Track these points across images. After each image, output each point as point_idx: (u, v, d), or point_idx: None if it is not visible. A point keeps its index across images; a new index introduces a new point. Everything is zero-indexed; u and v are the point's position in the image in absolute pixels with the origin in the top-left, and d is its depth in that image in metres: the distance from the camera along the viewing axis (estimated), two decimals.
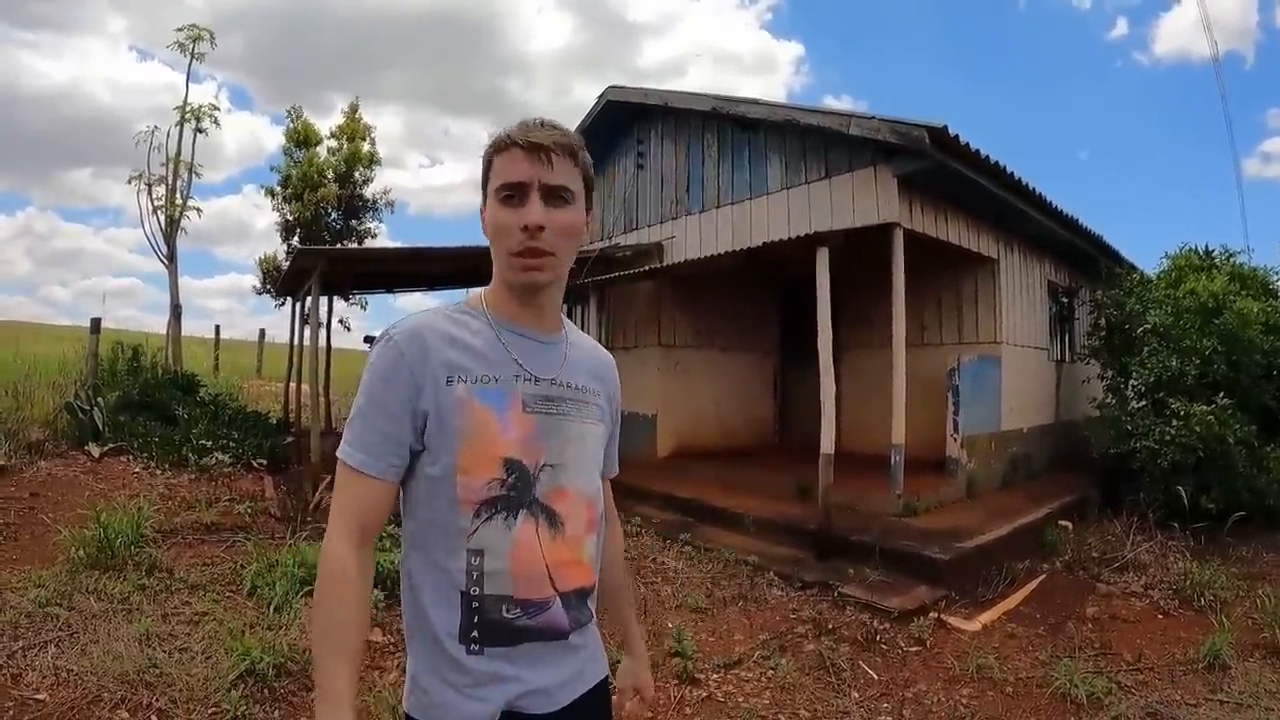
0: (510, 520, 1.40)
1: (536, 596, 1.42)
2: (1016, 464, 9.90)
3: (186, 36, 16.02)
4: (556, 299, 1.58)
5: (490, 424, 1.40)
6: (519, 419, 1.44)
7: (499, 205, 1.43)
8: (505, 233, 1.42)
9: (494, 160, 1.46)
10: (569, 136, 1.46)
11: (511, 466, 1.41)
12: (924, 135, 7.12)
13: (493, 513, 1.39)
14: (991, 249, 9.68)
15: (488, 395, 1.42)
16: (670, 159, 11.61)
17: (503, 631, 1.39)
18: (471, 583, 1.38)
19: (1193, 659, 4.75)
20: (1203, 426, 7.62)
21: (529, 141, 1.40)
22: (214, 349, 19.31)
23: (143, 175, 15.58)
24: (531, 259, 1.43)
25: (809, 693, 4.29)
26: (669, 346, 11.66)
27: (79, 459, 8.53)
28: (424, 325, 1.44)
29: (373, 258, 14.30)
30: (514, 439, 1.42)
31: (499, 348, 1.47)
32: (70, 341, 11.74)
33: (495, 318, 1.50)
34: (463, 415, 1.39)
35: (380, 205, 22.93)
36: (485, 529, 1.38)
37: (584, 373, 1.60)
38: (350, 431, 1.41)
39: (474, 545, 1.38)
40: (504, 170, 1.43)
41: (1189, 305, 8.81)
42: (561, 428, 1.50)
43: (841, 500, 7.35)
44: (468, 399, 1.40)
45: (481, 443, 1.39)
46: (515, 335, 1.50)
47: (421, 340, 1.41)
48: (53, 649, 4.12)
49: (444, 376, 1.40)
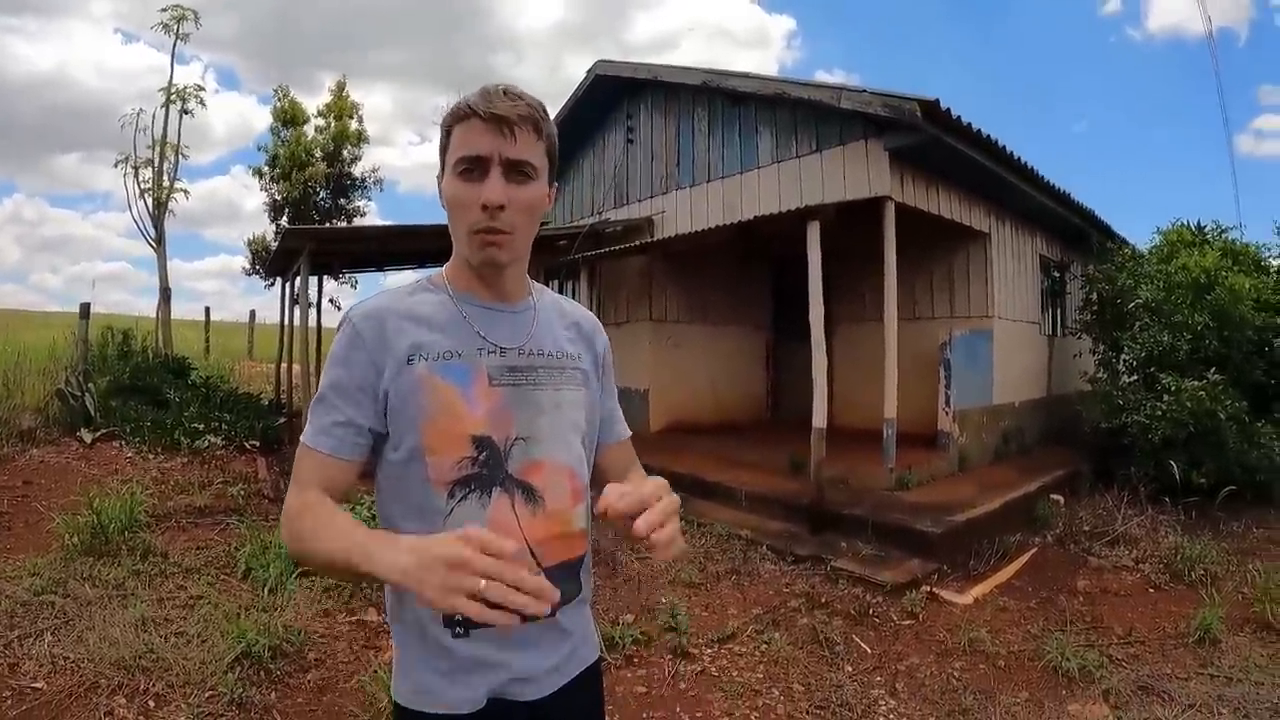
0: (484, 499, 1.36)
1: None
2: (1008, 438, 9.93)
3: (171, 17, 15.87)
4: (520, 271, 1.53)
5: (455, 401, 1.37)
6: (485, 393, 1.39)
7: (457, 179, 1.37)
8: (463, 209, 1.38)
9: (453, 130, 1.39)
10: (533, 107, 1.39)
11: (481, 444, 1.37)
12: (915, 108, 7.07)
13: (466, 492, 1.35)
14: (984, 223, 9.66)
15: (450, 371, 1.38)
16: (660, 133, 11.54)
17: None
18: None
19: (1183, 633, 4.77)
20: (1194, 402, 7.64)
21: (490, 112, 1.34)
22: (204, 331, 19.23)
23: (129, 159, 15.49)
24: (490, 237, 1.37)
25: (803, 666, 4.31)
26: (660, 321, 11.65)
27: (71, 445, 8.49)
28: (382, 306, 1.42)
29: (362, 236, 14.20)
30: (481, 415, 1.38)
31: (460, 322, 1.43)
32: (61, 328, 11.69)
33: (456, 292, 1.47)
34: (426, 394, 1.36)
35: (369, 184, 22.80)
36: (460, 509, 1.34)
37: (558, 337, 1.55)
38: (313, 417, 1.38)
39: (451, 525, 1.28)
40: (463, 142, 1.37)
41: (1181, 281, 8.82)
42: (532, 398, 1.44)
43: (834, 475, 7.36)
44: (429, 376, 1.36)
45: (447, 420, 1.36)
46: (478, 308, 1.46)
47: (379, 320, 1.39)
48: (49, 637, 4.11)
49: (405, 355, 1.36)
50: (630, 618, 4.77)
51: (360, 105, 22.68)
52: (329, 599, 4.80)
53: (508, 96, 1.36)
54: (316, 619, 4.55)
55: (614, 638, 4.40)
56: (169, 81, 15.93)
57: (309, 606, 4.65)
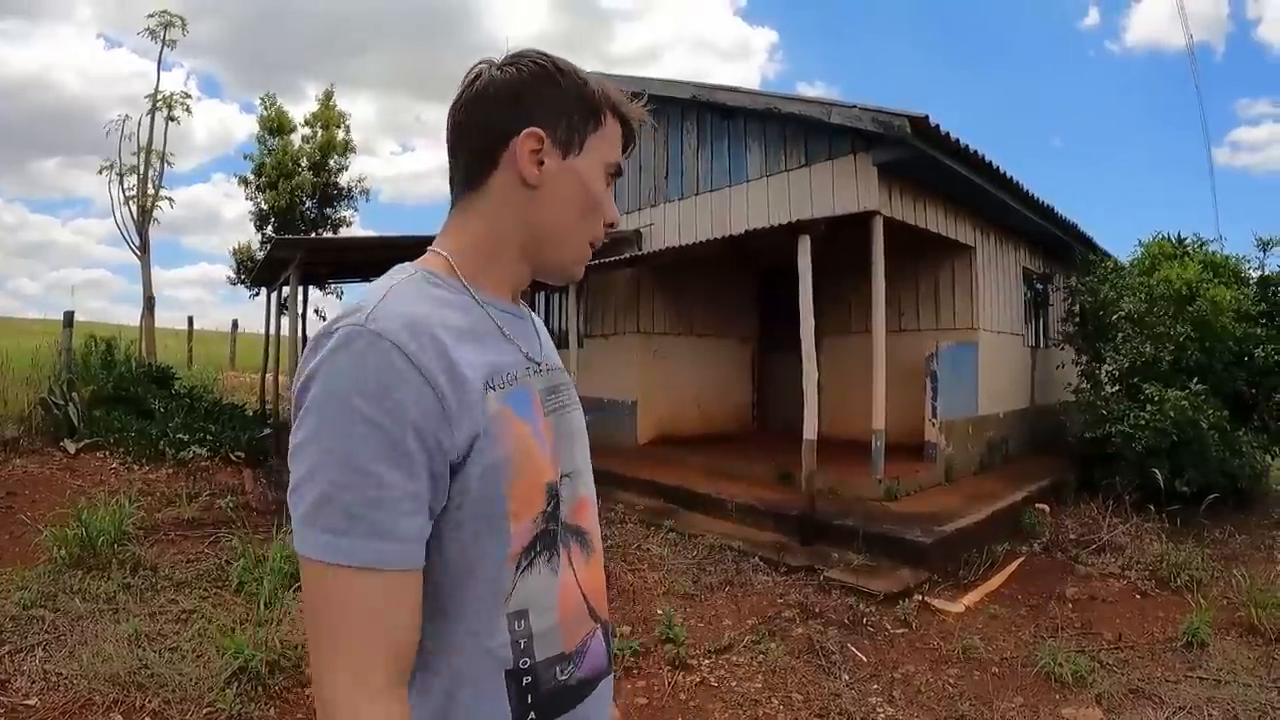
0: (554, 560, 1.06)
1: (580, 638, 1.10)
2: (994, 448, 10.03)
3: (158, 23, 15.89)
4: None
5: (530, 442, 1.03)
6: (546, 426, 1.08)
7: (604, 179, 1.15)
8: (595, 216, 1.15)
9: (608, 121, 1.15)
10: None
11: (551, 492, 1.06)
12: (905, 124, 7.16)
13: (533, 556, 1.03)
14: (969, 236, 9.77)
15: (518, 402, 1.03)
16: (649, 146, 11.59)
17: (561, 699, 1.05)
18: (520, 654, 1.00)
19: (1171, 638, 4.88)
20: (1176, 411, 7.77)
21: (641, 123, 1.19)
22: (187, 341, 19.16)
23: (114, 165, 15.46)
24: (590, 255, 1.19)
25: (800, 675, 4.36)
26: (648, 333, 11.68)
27: (55, 456, 8.43)
28: (418, 312, 0.97)
29: (353, 246, 14.21)
30: (549, 456, 1.07)
31: (498, 333, 1.07)
32: (41, 335, 11.63)
33: (478, 292, 1.09)
34: (504, 438, 0.99)
35: (355, 193, 22.77)
36: (525, 581, 1.01)
37: (554, 351, 1.29)
38: (328, 510, 0.87)
39: (514, 607, 1.00)
40: (617, 145, 1.17)
41: (1163, 293, 8.96)
42: (569, 424, 1.17)
43: (823, 485, 7.42)
44: (502, 411, 1.00)
45: (530, 472, 1.02)
46: (503, 313, 1.12)
47: (430, 333, 0.95)
48: (40, 652, 4.09)
49: (478, 385, 0.97)
50: (627, 629, 4.82)
51: (348, 115, 22.69)
52: None
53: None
54: None
55: (613, 650, 4.43)
56: (155, 88, 15.94)
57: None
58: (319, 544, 0.87)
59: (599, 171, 1.13)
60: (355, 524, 0.86)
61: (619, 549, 6.62)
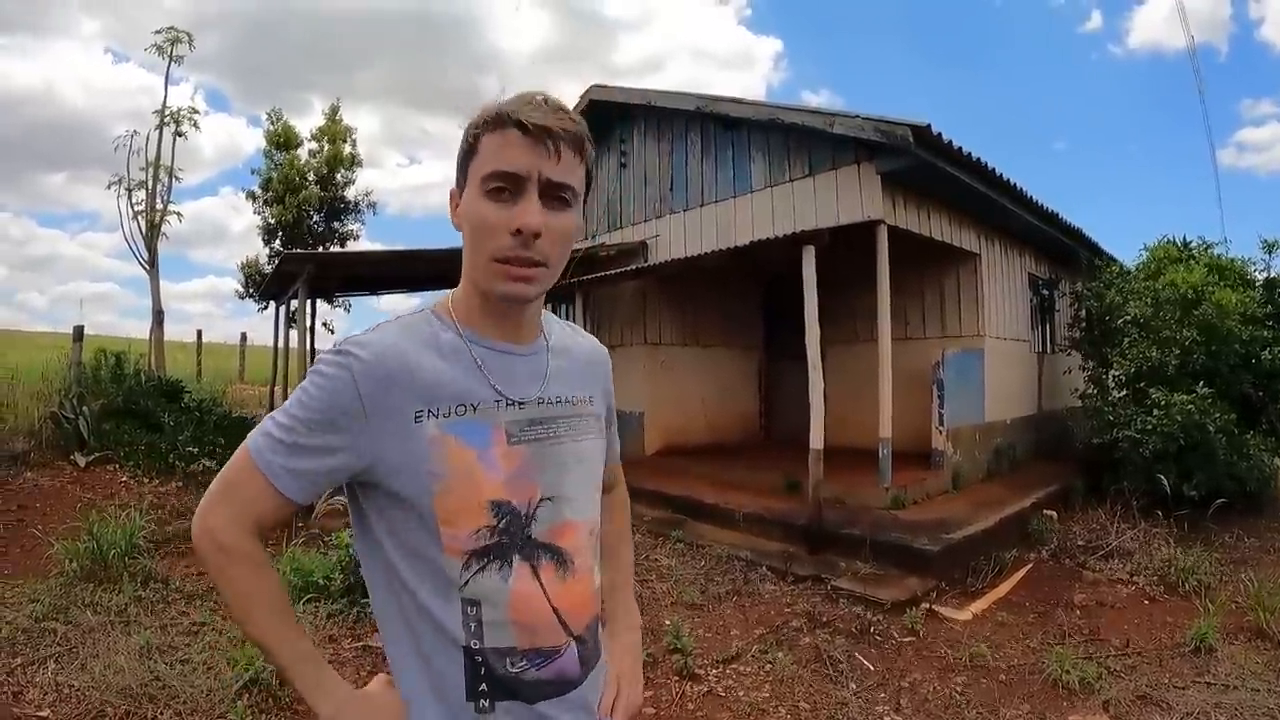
0: (505, 570, 1.22)
1: (546, 645, 1.26)
2: (1001, 455, 10.02)
3: (165, 39, 15.92)
4: (537, 308, 1.36)
5: (472, 466, 1.21)
6: (504, 454, 1.24)
7: (484, 198, 1.19)
8: (489, 233, 1.19)
9: (482, 139, 1.20)
10: (578, 123, 1.22)
11: (501, 509, 1.22)
12: (908, 133, 7.19)
13: (485, 563, 1.21)
14: (974, 243, 9.79)
15: (465, 430, 1.22)
16: (654, 157, 11.64)
17: (511, 686, 1.23)
18: (471, 635, 1.21)
19: (1179, 643, 4.87)
20: (1183, 415, 7.76)
21: (534, 123, 1.16)
22: (196, 354, 19.22)
23: (122, 180, 15.51)
24: (520, 269, 1.20)
25: (807, 685, 4.37)
26: (655, 344, 11.73)
27: (65, 469, 8.45)
28: (388, 348, 1.21)
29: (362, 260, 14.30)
30: (501, 479, 1.23)
31: (473, 370, 1.25)
32: (50, 349, 11.63)
33: (466, 331, 1.28)
34: (437, 459, 1.19)
35: (362, 207, 22.91)
36: (477, 581, 1.21)
37: (572, 380, 1.40)
38: (275, 430, 1.21)
39: (468, 595, 1.21)
40: (497, 154, 1.18)
41: (1168, 297, 8.95)
42: (556, 455, 1.30)
43: (830, 494, 7.43)
44: (441, 437, 1.20)
45: (464, 489, 1.20)
46: (490, 351, 1.28)
47: (382, 371, 1.20)
48: (52, 664, 4.12)
49: (411, 413, 1.19)
50: None
51: (353, 129, 22.86)
52: (334, 625, 4.83)
53: (552, 108, 1.20)
54: (322, 645, 4.56)
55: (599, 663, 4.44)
56: (163, 104, 16.00)
57: (314, 633, 4.67)
58: (257, 440, 1.22)
59: (477, 190, 1.20)
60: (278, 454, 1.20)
61: None
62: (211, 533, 1.20)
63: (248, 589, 1.22)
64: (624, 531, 1.79)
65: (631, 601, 1.71)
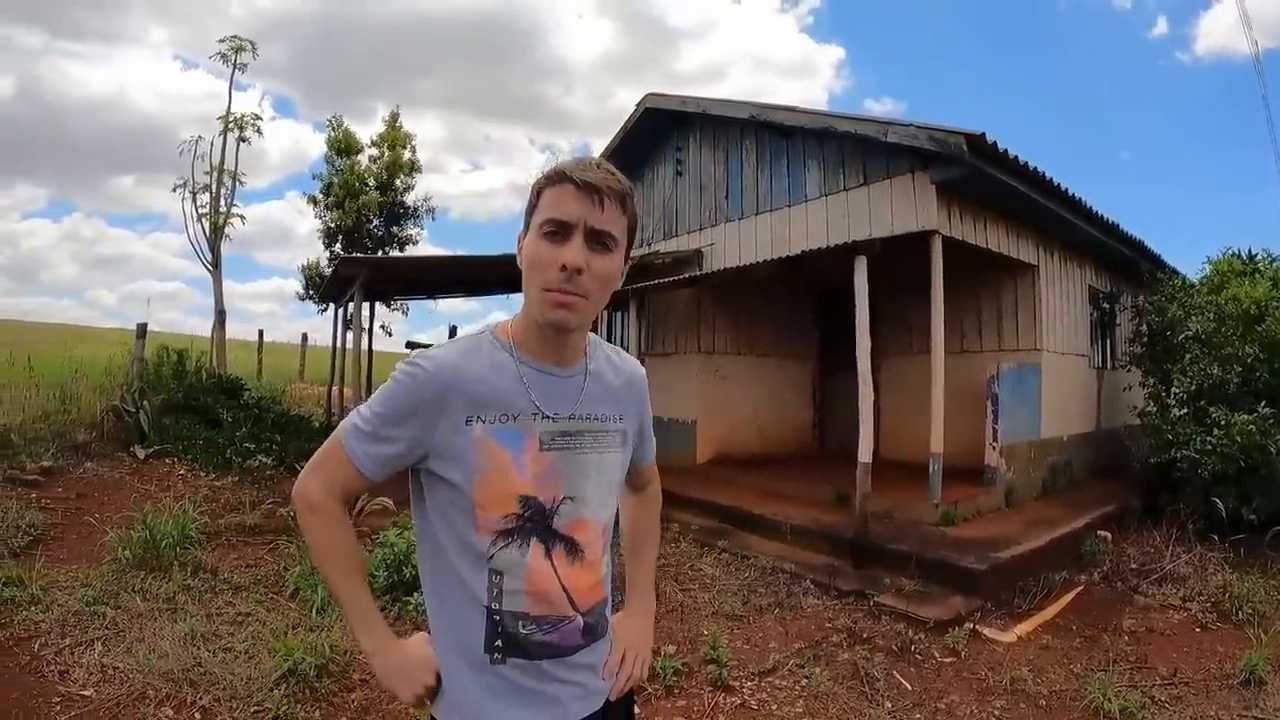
0: (524, 548, 1.49)
1: (554, 615, 1.53)
2: (1056, 473, 9.83)
3: (229, 47, 16.36)
4: (581, 336, 1.61)
5: (506, 464, 1.47)
6: (535, 458, 1.50)
7: (541, 239, 1.43)
8: (543, 268, 1.43)
9: (544, 192, 1.46)
10: (622, 183, 1.47)
11: (527, 502, 1.49)
12: (961, 142, 7.10)
13: (508, 542, 1.48)
14: (1031, 255, 9.62)
15: (504, 435, 1.48)
16: (709, 166, 11.64)
17: (522, 645, 1.50)
18: (492, 598, 1.49)
19: (1228, 674, 4.73)
20: (1244, 436, 7.53)
21: (584, 180, 1.41)
22: (257, 353, 19.60)
23: (187, 184, 15.91)
24: (563, 298, 1.43)
25: (842, 702, 4.33)
26: (708, 353, 11.72)
27: (124, 461, 8.74)
28: (449, 365, 1.49)
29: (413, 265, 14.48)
30: (530, 477, 1.49)
31: (519, 386, 1.51)
32: (116, 344, 11.97)
33: (518, 352, 1.54)
34: (479, 455, 1.46)
35: (421, 212, 23.19)
36: (500, 554, 1.48)
37: (604, 401, 1.64)
38: (361, 422, 1.50)
39: (494, 566, 1.48)
40: (553, 204, 1.43)
41: (1231, 311, 8.72)
42: (579, 462, 1.56)
43: (879, 508, 7.36)
44: (484, 439, 1.46)
45: (498, 482, 1.47)
46: (535, 372, 1.54)
47: (444, 381, 1.47)
48: (99, 647, 4.28)
49: (462, 417, 1.46)
50: (673, 649, 4.81)
51: (413, 136, 23.14)
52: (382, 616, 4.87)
53: (600, 169, 1.46)
54: None
55: (655, 668, 4.44)
56: (227, 110, 16.39)
57: None
58: (348, 429, 1.51)
59: (536, 235, 1.45)
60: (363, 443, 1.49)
61: (671, 568, 6.65)
62: (305, 494, 1.53)
63: (326, 541, 1.54)
64: (651, 528, 2.03)
65: (650, 591, 1.97)
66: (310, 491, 1.52)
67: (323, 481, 1.52)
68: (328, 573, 1.58)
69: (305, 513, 1.53)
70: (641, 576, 1.96)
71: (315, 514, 1.52)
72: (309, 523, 1.54)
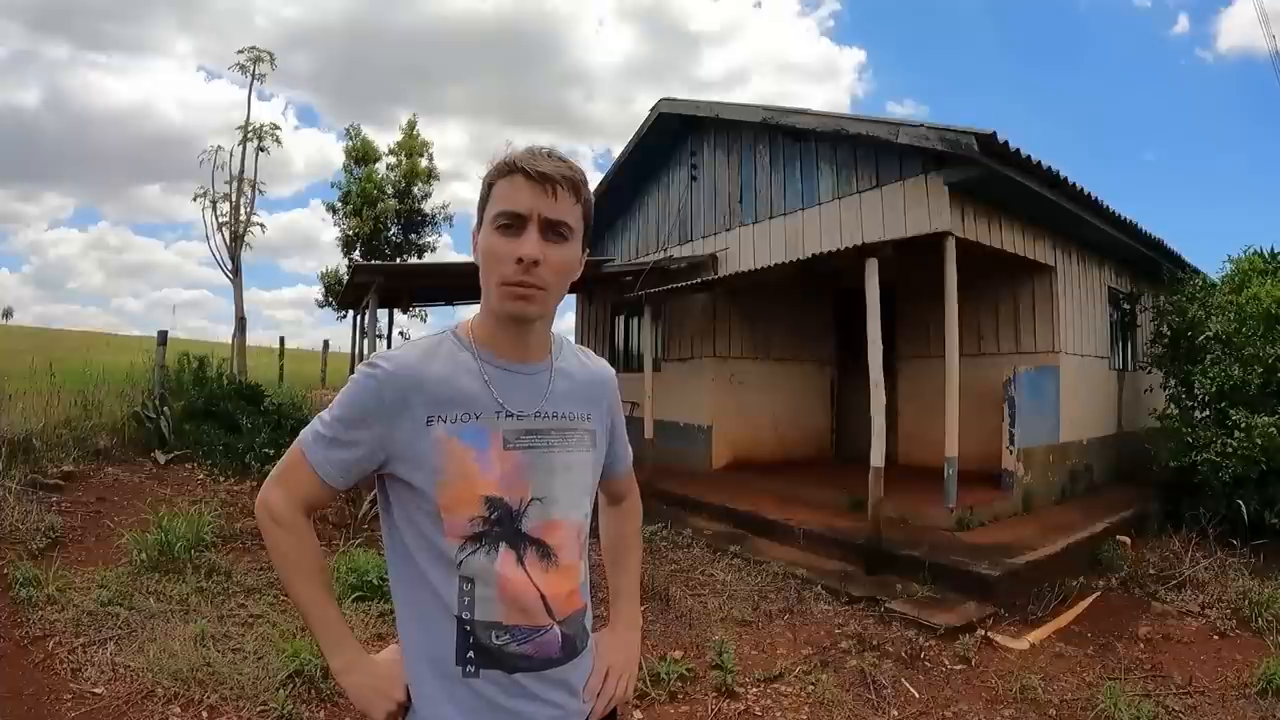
0: (492, 553, 1.42)
1: (529, 624, 1.45)
2: (1075, 477, 9.71)
3: (248, 58, 16.46)
4: (544, 330, 1.57)
5: (470, 464, 1.42)
6: (500, 456, 1.44)
7: (495, 232, 1.41)
8: (498, 261, 1.40)
9: (495, 184, 1.43)
10: (575, 171, 1.43)
11: (493, 504, 1.43)
12: (972, 142, 7.02)
13: (476, 547, 1.41)
14: (1048, 256, 9.51)
15: (467, 434, 1.43)
16: (723, 170, 11.63)
17: (494, 655, 1.43)
18: (463, 607, 1.41)
19: (1245, 683, 4.62)
20: (1265, 438, 7.41)
21: (535, 170, 1.38)
22: (278, 359, 19.70)
23: (208, 193, 16.03)
24: (521, 290, 1.40)
25: (848, 709, 4.27)
26: (724, 358, 11.68)
27: (145, 465, 8.85)
28: (409, 364, 1.45)
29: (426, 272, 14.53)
30: (494, 477, 1.43)
31: (480, 384, 1.47)
32: (139, 351, 12.08)
33: (480, 351, 1.50)
34: (440, 456, 1.40)
35: (439, 219, 23.28)
36: (469, 560, 1.41)
37: (571, 399, 1.59)
38: (322, 427, 1.46)
39: (464, 573, 1.41)
40: (505, 196, 1.40)
41: (1252, 311, 8.58)
42: (546, 461, 1.50)
43: (893, 514, 7.30)
44: (447, 439, 1.41)
45: (462, 483, 1.41)
46: (497, 369, 1.49)
47: (405, 382, 1.42)
48: (112, 646, 4.36)
49: (423, 418, 1.41)
50: (679, 654, 4.78)
51: (430, 144, 23.25)
52: (382, 624, 4.88)
53: (551, 158, 1.42)
54: (369, 642, 4.57)
55: (660, 674, 4.42)
56: (246, 120, 16.50)
57: (362, 630, 4.74)
58: (306, 436, 1.48)
59: (490, 229, 1.42)
60: (323, 449, 1.45)
61: (682, 573, 6.61)
62: (267, 506, 1.48)
63: (290, 554, 1.49)
64: (632, 539, 1.97)
65: (635, 605, 1.90)
66: (273, 503, 1.48)
67: (284, 493, 1.49)
68: (293, 587, 1.50)
69: (268, 525, 1.48)
70: (625, 589, 1.89)
71: (279, 526, 1.47)
72: (273, 536, 1.48)
